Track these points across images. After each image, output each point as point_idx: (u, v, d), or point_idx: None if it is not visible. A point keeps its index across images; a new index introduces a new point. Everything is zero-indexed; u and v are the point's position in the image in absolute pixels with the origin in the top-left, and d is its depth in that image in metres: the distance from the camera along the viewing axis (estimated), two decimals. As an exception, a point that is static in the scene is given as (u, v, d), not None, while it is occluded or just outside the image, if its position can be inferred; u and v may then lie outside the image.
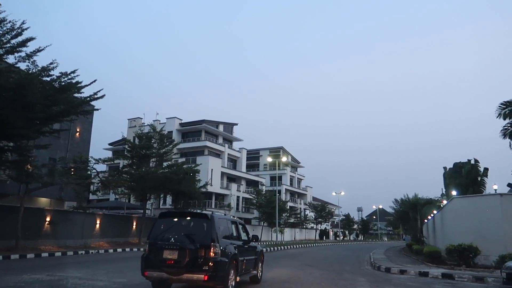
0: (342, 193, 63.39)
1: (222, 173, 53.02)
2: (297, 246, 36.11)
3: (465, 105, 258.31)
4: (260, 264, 10.45)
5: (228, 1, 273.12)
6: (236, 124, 60.97)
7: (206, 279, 7.15)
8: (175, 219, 8.22)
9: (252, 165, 75.47)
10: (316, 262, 18.56)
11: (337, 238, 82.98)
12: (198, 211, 36.19)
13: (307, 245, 40.78)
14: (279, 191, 68.17)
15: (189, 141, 54.11)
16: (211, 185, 49.24)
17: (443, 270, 13.95)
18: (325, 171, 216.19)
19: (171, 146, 29.45)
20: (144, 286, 8.54)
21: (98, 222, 26.19)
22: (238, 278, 8.26)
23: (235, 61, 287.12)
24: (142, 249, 26.08)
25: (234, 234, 9.01)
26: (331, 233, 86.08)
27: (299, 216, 68.83)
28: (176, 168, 28.30)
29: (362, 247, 47.15)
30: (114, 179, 23.76)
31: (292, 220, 66.41)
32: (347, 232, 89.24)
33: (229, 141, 59.34)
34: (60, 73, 15.31)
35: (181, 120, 55.54)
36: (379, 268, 15.42)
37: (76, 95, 17.69)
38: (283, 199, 63.79)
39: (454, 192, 20.02)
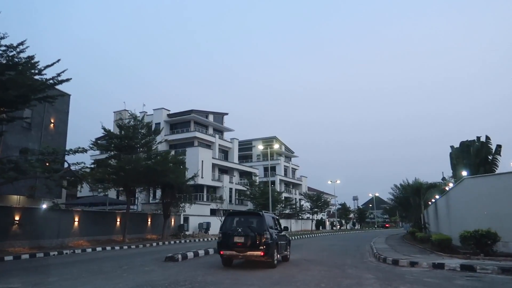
0: (338, 182, 61.77)
1: (214, 165, 51.04)
2: (293, 237, 34.35)
3: (461, 97, 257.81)
4: (288, 247, 13.76)
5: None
6: (227, 114, 58.95)
7: (262, 254, 10.68)
8: (239, 216, 12.13)
9: (245, 156, 73.59)
10: (314, 255, 16.73)
11: (334, 228, 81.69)
12: (186, 204, 34.41)
13: (303, 236, 39.09)
14: (273, 182, 66.53)
15: (178, 133, 51.98)
16: (202, 177, 47.32)
17: (459, 260, 12.15)
18: (320, 164, 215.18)
19: (153, 136, 27.36)
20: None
21: (76, 219, 24.18)
22: (278, 256, 11.78)
23: (226, 57, 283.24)
24: (125, 247, 24.22)
25: (274, 225, 12.37)
26: (327, 223, 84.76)
27: (294, 206, 67.21)
28: (160, 158, 26.26)
29: (361, 236, 45.57)
30: (90, 172, 21.64)
31: (287, 211, 64.75)
32: (343, 222, 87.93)
33: (219, 131, 57.28)
34: (5, 46, 13.10)
35: (169, 111, 53.28)
36: (384, 260, 13.60)
37: (37, 77, 15.54)
38: (278, 190, 62.17)
39: (464, 173, 18.17)
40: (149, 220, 33.11)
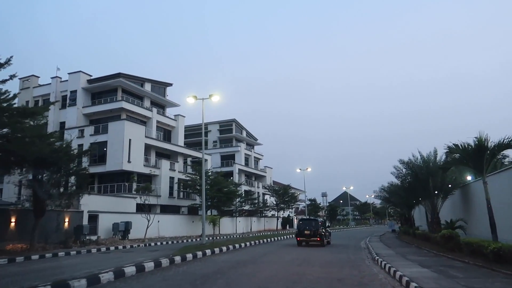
0: (309, 169, 50.99)
1: (149, 146, 38.80)
2: (242, 244, 22.61)
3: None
4: (330, 236, 24.71)
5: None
6: (170, 85, 46.49)
7: (318, 240, 21.71)
8: (305, 220, 23.66)
9: (200, 143, 61.64)
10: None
11: (303, 226, 71.18)
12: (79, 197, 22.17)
13: (262, 240, 27.36)
14: (231, 172, 55.12)
15: (100, 103, 39.27)
16: (130, 161, 35.07)
17: None
18: (286, 159, 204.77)
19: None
20: None
21: None
22: (325, 241, 22.44)
23: (194, 44, 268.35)
24: None
25: (323, 224, 23.47)
26: (295, 221, 74.15)
27: (256, 202, 56.03)
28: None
29: (338, 236, 34.96)
30: None
31: (247, 207, 53.49)
32: (313, 219, 77.81)
33: (160, 106, 44.85)
34: None
35: (91, 76, 40.37)
36: None
37: None
38: (237, 181, 50.87)
39: None
40: (13, 220, 20.75)
